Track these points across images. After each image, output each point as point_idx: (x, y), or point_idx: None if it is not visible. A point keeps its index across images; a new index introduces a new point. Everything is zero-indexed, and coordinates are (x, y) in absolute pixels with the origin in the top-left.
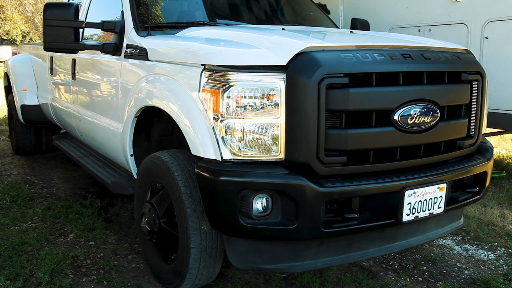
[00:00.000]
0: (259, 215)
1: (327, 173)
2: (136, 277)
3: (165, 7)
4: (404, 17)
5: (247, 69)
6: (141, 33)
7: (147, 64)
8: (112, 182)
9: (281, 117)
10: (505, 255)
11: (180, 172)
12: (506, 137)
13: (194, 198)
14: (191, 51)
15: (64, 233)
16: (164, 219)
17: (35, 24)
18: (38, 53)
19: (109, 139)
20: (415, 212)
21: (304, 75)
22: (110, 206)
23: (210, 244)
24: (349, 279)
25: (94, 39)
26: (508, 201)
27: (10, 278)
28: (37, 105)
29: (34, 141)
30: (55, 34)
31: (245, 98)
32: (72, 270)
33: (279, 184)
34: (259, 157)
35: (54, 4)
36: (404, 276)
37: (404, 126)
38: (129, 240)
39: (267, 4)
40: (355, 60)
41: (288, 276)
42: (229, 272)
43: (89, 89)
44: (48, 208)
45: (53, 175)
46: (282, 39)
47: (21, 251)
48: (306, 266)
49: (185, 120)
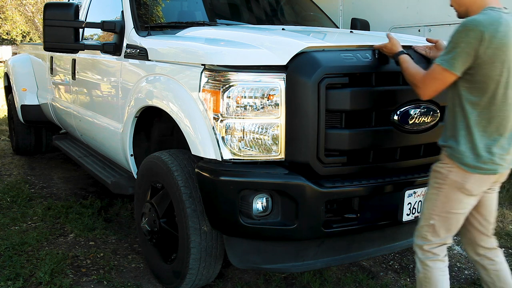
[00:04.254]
0: (259, 215)
1: (327, 173)
2: (136, 277)
3: (165, 7)
4: (404, 17)
5: (247, 69)
6: (141, 33)
7: (147, 64)
8: (112, 182)
9: (281, 117)
10: (505, 255)
11: (180, 172)
12: None
13: (194, 198)
14: (191, 51)
15: (64, 233)
16: (164, 219)
17: (35, 24)
18: (38, 53)
19: (109, 139)
20: (415, 212)
21: (304, 75)
22: (110, 206)
23: (210, 244)
24: (349, 279)
25: (94, 39)
26: (508, 201)
27: (10, 278)
28: (37, 105)
29: (34, 141)
30: (55, 34)
31: (245, 98)
32: (72, 270)
33: (279, 184)
34: (259, 157)
35: (54, 4)
36: (404, 276)
37: (404, 126)
38: (129, 240)
39: (267, 4)
40: (355, 60)
41: (288, 276)
42: (229, 272)
43: (89, 89)
44: (48, 208)
45: (53, 175)
46: (282, 39)
47: (21, 251)
48: (306, 266)
49: (185, 120)
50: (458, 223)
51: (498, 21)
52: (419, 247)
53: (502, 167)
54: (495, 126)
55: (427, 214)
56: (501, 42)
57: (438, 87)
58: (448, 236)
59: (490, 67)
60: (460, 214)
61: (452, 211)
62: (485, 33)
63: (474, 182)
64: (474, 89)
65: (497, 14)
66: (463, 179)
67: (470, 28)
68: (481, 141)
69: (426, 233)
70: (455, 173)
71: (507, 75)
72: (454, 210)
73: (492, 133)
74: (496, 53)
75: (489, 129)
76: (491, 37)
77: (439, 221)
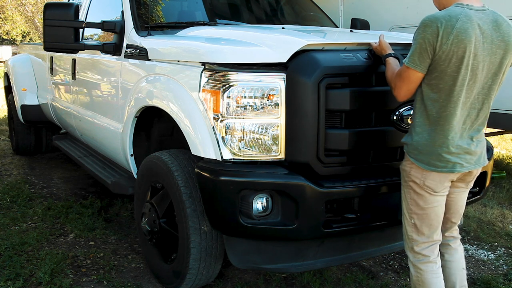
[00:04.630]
0: (259, 215)
1: (327, 173)
2: (136, 277)
3: (165, 7)
4: (404, 17)
5: (247, 67)
6: (141, 33)
7: (147, 64)
8: (112, 182)
9: (281, 117)
10: (505, 255)
11: (180, 172)
12: (506, 137)
13: (194, 198)
14: (191, 50)
15: (64, 233)
16: (164, 219)
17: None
18: (38, 53)
19: (109, 139)
20: None
21: (304, 75)
22: (110, 206)
23: (210, 244)
24: (349, 279)
25: (94, 39)
26: (508, 201)
27: (10, 278)
28: (37, 105)
29: (34, 141)
30: (55, 34)
31: (245, 98)
32: (72, 270)
33: (279, 184)
34: (259, 157)
35: (54, 4)
36: (404, 276)
37: (404, 126)
38: (129, 240)
39: (267, 4)
40: (355, 60)
41: (288, 276)
42: (229, 272)
43: (89, 89)
44: (48, 208)
45: (53, 175)
46: (283, 37)
47: (21, 251)
48: (306, 266)
49: (185, 120)
50: (437, 216)
51: (456, 17)
52: (409, 250)
53: (460, 166)
54: (453, 124)
55: (407, 214)
56: (457, 38)
57: (408, 87)
58: (432, 232)
59: (446, 63)
60: (435, 207)
61: (426, 207)
62: (440, 29)
63: (433, 179)
64: (433, 86)
65: (459, 10)
66: (422, 176)
67: (427, 24)
68: (438, 138)
69: (411, 234)
70: (415, 170)
71: (465, 73)
72: (427, 205)
73: (449, 131)
74: (452, 49)
75: (447, 127)
76: (447, 33)
77: (418, 219)
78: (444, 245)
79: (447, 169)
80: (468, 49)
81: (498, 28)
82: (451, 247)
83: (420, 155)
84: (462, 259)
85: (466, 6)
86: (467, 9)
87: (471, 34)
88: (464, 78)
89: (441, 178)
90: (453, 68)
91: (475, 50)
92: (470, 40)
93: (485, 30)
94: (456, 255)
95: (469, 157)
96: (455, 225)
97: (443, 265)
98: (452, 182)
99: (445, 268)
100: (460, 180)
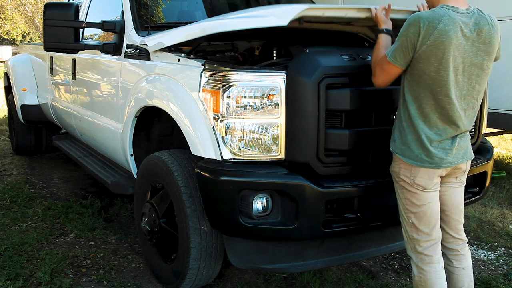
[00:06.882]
0: (259, 215)
1: (327, 173)
2: (136, 277)
3: (165, 7)
4: None
5: (247, 67)
6: (141, 33)
7: (147, 64)
8: (112, 182)
9: (281, 117)
10: (505, 255)
11: (180, 172)
12: (506, 137)
13: (194, 198)
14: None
15: (64, 233)
16: (164, 219)
17: (35, 24)
18: (38, 53)
19: (109, 139)
20: None
21: (304, 75)
22: (110, 206)
23: (210, 244)
24: (349, 279)
25: (94, 39)
26: (508, 201)
27: (10, 278)
28: (37, 105)
29: (34, 141)
30: (55, 34)
31: (245, 98)
32: (72, 270)
33: (279, 184)
34: (259, 157)
35: (54, 4)
36: (404, 276)
37: None
38: (129, 240)
39: (267, 4)
40: (355, 60)
41: (288, 276)
42: (229, 272)
43: (89, 89)
44: (48, 208)
45: (53, 175)
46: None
47: (21, 251)
48: (306, 266)
49: (185, 120)
50: (433, 213)
51: (439, 18)
52: (412, 251)
53: (447, 161)
54: (434, 121)
55: (404, 215)
56: (438, 40)
57: (386, 78)
58: (431, 229)
59: (425, 62)
60: (429, 203)
61: (421, 204)
62: (422, 29)
63: (422, 176)
64: (413, 83)
65: (443, 12)
66: (412, 175)
67: (411, 22)
68: (422, 134)
69: (411, 234)
70: (404, 170)
71: (445, 74)
72: (421, 203)
73: (431, 128)
74: (431, 49)
75: (428, 124)
76: (428, 34)
77: (416, 217)
78: (453, 251)
79: (434, 164)
80: (447, 51)
81: (480, 31)
82: (459, 253)
83: (407, 151)
84: (471, 266)
85: (451, 8)
86: (452, 11)
87: (452, 36)
88: (444, 78)
89: (430, 175)
90: (432, 68)
91: (456, 52)
92: (450, 42)
93: (467, 32)
94: (465, 262)
95: (455, 152)
96: (459, 223)
97: (451, 271)
98: (442, 178)
99: (453, 274)
100: (449, 175)
